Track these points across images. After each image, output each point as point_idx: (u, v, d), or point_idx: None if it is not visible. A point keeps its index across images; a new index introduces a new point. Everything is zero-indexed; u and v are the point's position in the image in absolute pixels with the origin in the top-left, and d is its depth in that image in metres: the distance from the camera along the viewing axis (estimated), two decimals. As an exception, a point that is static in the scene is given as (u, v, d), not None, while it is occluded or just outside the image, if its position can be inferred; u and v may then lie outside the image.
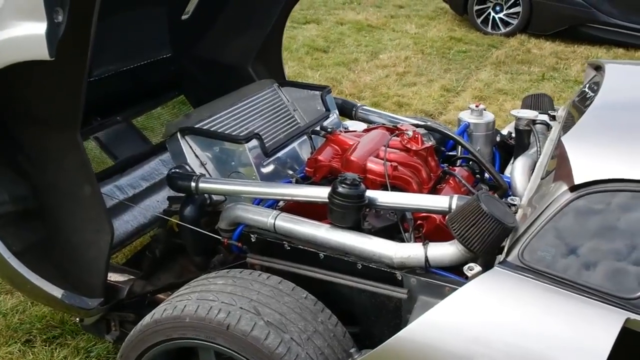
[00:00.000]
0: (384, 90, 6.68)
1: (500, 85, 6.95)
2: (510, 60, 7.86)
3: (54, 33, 1.85)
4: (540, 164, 2.44)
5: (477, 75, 7.31)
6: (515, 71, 7.48)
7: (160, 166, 3.42)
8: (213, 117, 2.82)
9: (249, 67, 3.57)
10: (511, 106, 6.29)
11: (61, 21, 1.89)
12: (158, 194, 3.33)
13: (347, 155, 2.47)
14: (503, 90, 6.81)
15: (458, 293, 1.81)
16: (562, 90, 6.89)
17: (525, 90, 6.85)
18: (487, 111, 3.11)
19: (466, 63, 7.80)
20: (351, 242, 2.16)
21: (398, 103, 6.29)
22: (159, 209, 3.24)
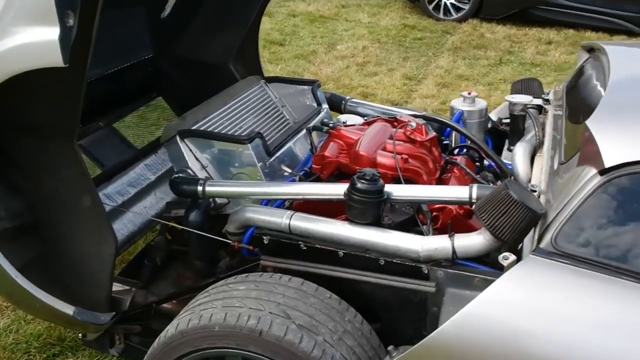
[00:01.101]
0: (346, 81, 6.67)
1: (460, 71, 7.03)
2: (466, 46, 7.96)
3: (67, 38, 1.75)
4: (548, 148, 2.46)
5: (436, 62, 7.37)
6: (473, 56, 7.58)
7: (145, 171, 3.32)
8: (208, 118, 2.75)
9: (230, 65, 3.49)
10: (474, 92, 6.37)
11: (72, 25, 1.79)
12: (145, 200, 3.23)
13: (356, 150, 2.43)
14: (464, 76, 6.89)
15: (498, 284, 1.80)
16: (521, 74, 7.01)
17: (484, 75, 6.95)
18: (479, 98, 3.12)
19: (423, 50, 7.86)
20: (374, 239, 2.13)
21: (363, 94, 6.28)
22: (147, 215, 3.15)
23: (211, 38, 3.43)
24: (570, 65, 7.25)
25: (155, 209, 3.21)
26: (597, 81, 2.41)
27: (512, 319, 1.77)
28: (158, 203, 3.27)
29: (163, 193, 3.32)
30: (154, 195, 3.31)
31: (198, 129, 2.64)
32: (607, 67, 2.37)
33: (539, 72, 7.06)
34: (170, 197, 3.29)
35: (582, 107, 2.43)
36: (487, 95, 6.34)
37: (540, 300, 1.78)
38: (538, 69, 7.22)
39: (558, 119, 2.61)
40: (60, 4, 1.72)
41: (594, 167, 1.86)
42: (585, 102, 2.42)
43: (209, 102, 2.91)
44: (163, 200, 3.26)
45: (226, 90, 3.07)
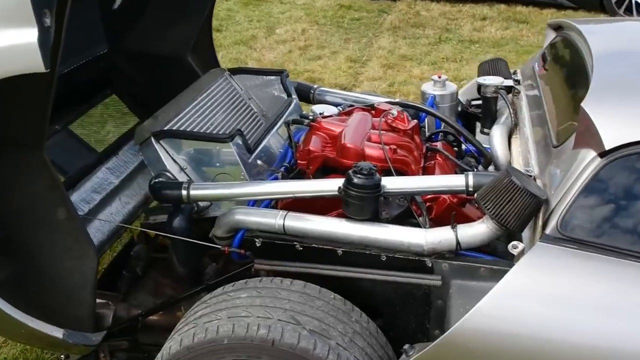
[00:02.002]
0: (291, 66, 6.57)
1: (403, 51, 7.05)
2: (405, 25, 7.98)
3: (46, 40, 1.61)
4: (529, 130, 2.46)
5: (378, 42, 7.36)
6: (412, 35, 7.61)
7: (108, 175, 3.15)
8: (179, 116, 2.62)
9: (188, 57, 3.34)
10: (419, 72, 6.42)
11: (50, 25, 1.65)
12: (111, 205, 3.06)
13: (342, 143, 2.38)
14: (407, 56, 6.91)
15: (511, 275, 1.80)
16: (461, 51, 7.10)
17: (427, 55, 7.00)
18: (449, 81, 3.10)
19: (363, 31, 7.83)
20: (376, 235, 2.09)
21: (310, 79, 6.20)
22: (114, 222, 3.00)
23: (167, 29, 3.27)
24: (507, 41, 7.42)
25: (122, 215, 3.06)
26: (577, 60, 2.42)
27: (529, 308, 1.77)
28: (124, 208, 3.11)
29: (128, 197, 3.16)
30: (119, 200, 3.15)
31: (173, 129, 2.52)
32: (586, 45, 2.39)
33: (479, 49, 7.16)
34: (136, 200, 3.19)
35: (566, 88, 2.45)
36: (432, 74, 6.34)
37: (555, 288, 1.79)
38: (477, 45, 7.31)
39: (536, 100, 2.62)
40: (37, 3, 1.58)
41: (593, 150, 1.87)
42: (569, 83, 2.44)
43: (178, 99, 2.78)
44: (129, 205, 3.11)
45: (193, 85, 2.94)
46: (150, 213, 2.62)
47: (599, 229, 1.84)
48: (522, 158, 2.50)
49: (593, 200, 1.85)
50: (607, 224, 1.84)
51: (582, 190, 1.84)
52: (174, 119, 2.58)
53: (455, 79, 6.28)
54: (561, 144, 2.08)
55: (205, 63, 3.45)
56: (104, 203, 3.03)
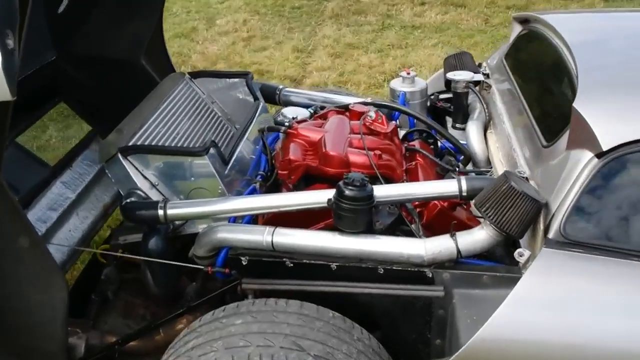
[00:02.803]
0: (237, 59, 6.39)
1: (348, 39, 6.96)
2: (346, 12, 7.88)
3: (11, 65, 1.44)
4: (509, 127, 2.41)
5: (322, 31, 7.24)
6: (355, 22, 7.52)
7: (64, 190, 2.96)
8: (144, 128, 2.45)
9: (141, 59, 3.15)
10: (367, 60, 6.36)
11: (14, 47, 1.47)
12: (69, 222, 2.89)
13: (324, 151, 2.27)
14: (352, 44, 6.82)
15: (522, 283, 1.76)
16: (405, 37, 7.06)
17: (372, 42, 6.93)
18: (417, 77, 3.03)
19: (305, 19, 7.69)
20: (373, 247, 2.00)
21: (258, 72, 6.05)
22: (73, 240, 2.82)
23: (117, 32, 3.07)
24: (448, 26, 7.42)
25: (81, 231, 2.89)
26: (552, 54, 2.38)
27: (546, 315, 1.75)
28: (82, 223, 2.94)
29: (86, 211, 3.00)
30: (76, 216, 2.97)
31: (140, 143, 2.35)
32: (560, 39, 2.35)
33: (422, 35, 7.14)
34: (94, 214, 3.01)
35: (546, 83, 2.42)
36: (380, 62, 6.33)
37: (567, 293, 1.78)
38: (420, 31, 7.29)
39: (512, 95, 2.58)
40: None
41: (589, 151, 1.84)
42: (548, 78, 2.41)
43: (140, 108, 2.61)
44: (87, 220, 2.95)
45: (153, 92, 2.77)
46: (120, 233, 2.44)
47: (602, 231, 1.82)
48: (503, 155, 2.47)
49: (594, 202, 1.83)
50: (610, 225, 1.82)
51: (582, 193, 1.81)
52: (139, 131, 2.41)
53: (403, 66, 6.25)
54: (552, 144, 2.03)
55: (158, 65, 3.28)
56: (62, 220, 2.84)
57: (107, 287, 2.46)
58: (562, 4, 7.85)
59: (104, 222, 3.11)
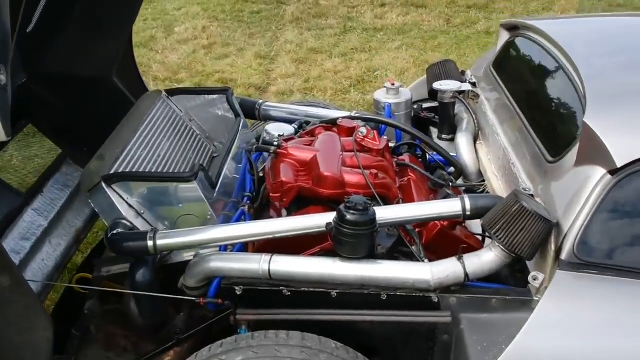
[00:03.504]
0: (199, 68, 6.24)
1: (310, 44, 6.87)
2: (306, 16, 7.80)
3: (4, 102, 1.32)
4: (505, 140, 2.37)
5: (283, 36, 7.14)
6: (316, 26, 7.45)
7: (36, 217, 2.80)
8: (125, 153, 2.32)
9: (113, 78, 3.01)
10: (332, 65, 6.29)
11: (6, 83, 1.36)
12: (42, 251, 2.73)
13: (319, 172, 2.18)
14: (315, 49, 6.74)
15: (540, 310, 1.71)
16: (368, 41, 7.02)
17: (335, 46, 6.87)
18: (402, 87, 2.97)
19: (265, 25, 7.57)
20: (376, 273, 1.92)
21: (222, 80, 5.92)
22: (47, 269, 2.67)
23: (89, 49, 2.91)
24: (411, 27, 7.41)
25: (54, 259, 2.74)
26: (549, 63, 2.34)
27: (566, 341, 1.73)
28: (55, 251, 2.79)
29: (58, 238, 2.85)
30: (49, 244, 2.82)
31: (123, 170, 2.22)
32: (557, 47, 2.32)
33: (385, 37, 7.12)
34: (67, 240, 2.86)
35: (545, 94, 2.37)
36: (345, 67, 6.27)
37: (586, 316, 1.75)
38: (382, 33, 7.26)
39: (504, 106, 2.53)
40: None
41: (601, 167, 1.79)
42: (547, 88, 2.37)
43: (120, 132, 2.48)
44: (60, 247, 2.80)
45: (131, 113, 2.63)
46: (102, 264, 2.31)
47: (617, 251, 1.78)
48: (497, 168, 2.43)
49: (607, 221, 1.79)
50: (625, 245, 1.78)
51: (596, 212, 1.77)
52: (121, 157, 2.28)
53: (368, 70, 6.22)
54: (559, 160, 1.99)
55: (130, 83, 3.14)
56: (35, 250, 2.70)
57: (90, 321, 2.32)
58: (523, 2, 7.94)
59: (77, 248, 2.96)
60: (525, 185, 2.07)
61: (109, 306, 2.40)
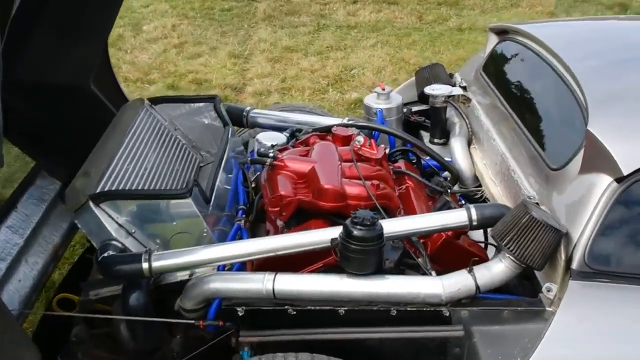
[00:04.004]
0: (171, 68, 6.10)
1: (285, 42, 6.77)
2: (278, 13, 7.69)
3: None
4: (506, 146, 2.32)
5: (256, 34, 7.02)
6: (289, 24, 7.34)
7: (11, 236, 2.66)
8: (111, 168, 2.21)
9: (90, 84, 2.88)
10: (308, 64, 6.21)
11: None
12: (18, 271, 2.59)
13: (319, 185, 2.10)
14: (290, 48, 6.65)
15: (556, 323, 1.68)
16: (342, 38, 6.95)
17: (310, 44, 6.79)
18: (393, 92, 2.91)
19: (237, 22, 7.44)
20: (385, 289, 1.86)
21: (196, 81, 5.79)
22: (24, 290, 2.54)
23: (64, 56, 2.77)
24: (384, 24, 7.36)
25: (32, 279, 2.61)
26: (543, 68, 2.30)
27: (584, 351, 1.71)
28: (32, 270, 2.66)
29: (35, 256, 2.71)
30: (26, 263, 2.68)
31: (109, 186, 2.12)
32: (550, 52, 2.28)
33: (359, 35, 7.05)
34: (44, 258, 2.74)
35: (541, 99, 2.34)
36: (321, 66, 6.19)
37: (605, 326, 1.73)
38: (356, 30, 7.20)
39: (499, 111, 2.49)
40: None
41: (607, 175, 1.77)
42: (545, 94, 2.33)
43: (104, 145, 2.37)
44: (37, 265, 2.67)
45: (114, 124, 2.52)
46: (90, 287, 2.20)
47: (627, 258, 1.76)
48: (494, 173, 2.39)
49: (616, 229, 1.78)
50: (635, 251, 1.76)
51: (604, 220, 1.75)
52: (106, 172, 2.17)
53: (345, 69, 6.16)
54: (562, 167, 1.95)
55: (108, 90, 3.01)
56: (10, 270, 2.55)
57: (77, 348, 2.20)
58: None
59: (54, 265, 2.83)
60: (528, 193, 2.03)
61: (96, 330, 2.29)
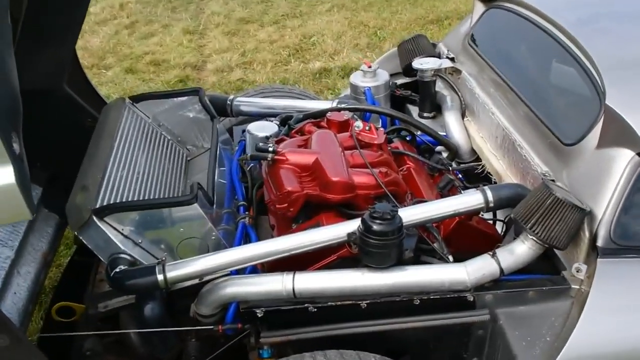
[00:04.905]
0: (126, 50, 5.88)
1: (238, 14, 6.60)
2: (227, -17, 7.47)
3: (24, 175, 1.14)
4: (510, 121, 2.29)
5: (208, 7, 6.82)
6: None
7: (1, 249, 2.55)
8: (107, 176, 2.12)
9: (64, 85, 2.74)
10: (266, 35, 6.08)
11: (20, 152, 1.18)
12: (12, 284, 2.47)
13: (327, 178, 2.05)
14: (245, 19, 6.49)
15: (591, 304, 1.69)
16: (297, 5, 6.83)
17: (264, 14, 6.65)
18: (379, 69, 2.85)
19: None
20: (409, 280, 1.84)
21: (154, 62, 5.61)
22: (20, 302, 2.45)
23: (35, 59, 2.63)
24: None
25: (26, 290, 2.52)
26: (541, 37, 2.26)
27: (621, 328, 1.73)
28: (26, 281, 2.57)
29: (27, 266, 2.61)
30: (18, 275, 2.58)
31: (108, 197, 2.03)
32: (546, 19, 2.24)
33: (314, 0, 6.91)
34: (35, 267, 2.65)
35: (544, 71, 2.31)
36: (280, 36, 6.07)
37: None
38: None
39: (494, 82, 2.46)
40: (3, 126, 1.11)
41: (629, 149, 1.76)
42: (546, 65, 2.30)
43: (94, 152, 2.25)
44: (30, 275, 2.57)
45: (100, 129, 2.41)
46: (97, 299, 2.12)
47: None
48: (494, 147, 2.38)
49: (639, 203, 1.77)
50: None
51: (629, 195, 1.75)
52: (103, 183, 2.07)
53: (304, 37, 6.05)
54: (577, 142, 1.94)
55: (81, 89, 2.88)
56: (5, 284, 2.46)
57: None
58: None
59: (46, 272, 2.74)
60: (541, 170, 2.02)
61: (108, 338, 2.22)
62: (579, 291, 1.78)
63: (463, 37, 2.81)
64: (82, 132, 2.84)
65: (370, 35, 5.94)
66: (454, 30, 2.97)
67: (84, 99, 2.83)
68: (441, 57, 2.86)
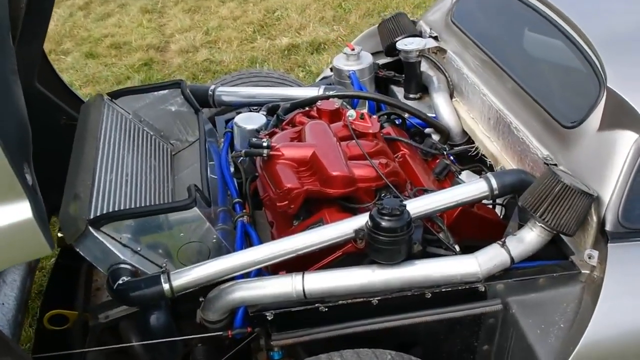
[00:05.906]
0: (83, 34, 5.66)
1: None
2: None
3: (40, 208, 1.07)
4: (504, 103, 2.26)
5: (165, -17, 6.60)
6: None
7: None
8: (97, 181, 2.03)
9: (35, 82, 2.62)
10: (228, 12, 5.97)
11: (33, 183, 1.11)
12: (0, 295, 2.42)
13: (327, 173, 2.00)
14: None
15: (608, 285, 1.71)
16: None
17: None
18: (363, 51, 2.79)
19: (140, -28, 6.95)
20: (421, 275, 1.82)
21: (115, 45, 5.41)
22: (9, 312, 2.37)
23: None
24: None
25: (14, 298, 2.43)
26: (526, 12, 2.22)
27: None
28: (13, 290, 2.46)
29: (12, 274, 2.51)
30: (4, 284, 2.49)
31: (101, 205, 1.95)
32: None
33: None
34: (20, 274, 2.55)
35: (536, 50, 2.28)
36: (243, 12, 5.93)
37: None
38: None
39: (483, 62, 2.43)
40: (15, 158, 1.03)
41: (632, 131, 1.76)
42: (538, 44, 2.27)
43: (81, 156, 2.16)
44: (16, 282, 2.48)
45: (82, 130, 2.30)
46: (98, 310, 2.05)
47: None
48: (487, 128, 2.36)
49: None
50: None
51: (635, 177, 1.74)
52: (94, 190, 1.99)
53: (267, 12, 5.92)
54: (577, 125, 1.93)
55: (51, 84, 2.76)
56: None
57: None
58: None
59: (31, 279, 2.66)
60: (542, 154, 2.01)
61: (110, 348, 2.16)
62: (590, 276, 1.79)
63: (445, 13, 2.76)
64: (58, 131, 2.73)
65: (335, 7, 5.84)
66: (435, 7, 2.91)
67: (58, 97, 2.71)
68: (423, 35, 2.82)
